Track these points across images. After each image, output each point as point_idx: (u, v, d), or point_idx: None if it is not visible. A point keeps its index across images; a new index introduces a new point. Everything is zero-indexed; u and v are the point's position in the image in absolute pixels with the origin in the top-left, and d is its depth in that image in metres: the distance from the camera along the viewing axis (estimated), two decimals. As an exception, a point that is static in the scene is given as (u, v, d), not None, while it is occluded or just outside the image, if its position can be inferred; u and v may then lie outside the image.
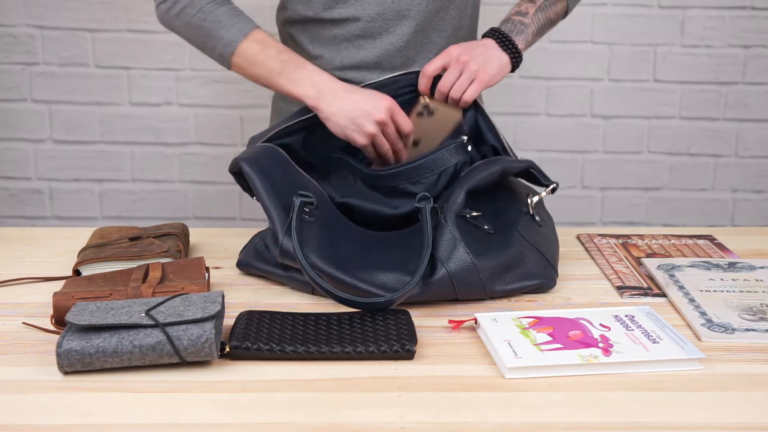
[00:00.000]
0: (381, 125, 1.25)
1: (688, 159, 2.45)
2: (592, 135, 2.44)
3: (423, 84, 1.31)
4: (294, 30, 1.42)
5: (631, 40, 2.38)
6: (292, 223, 1.11)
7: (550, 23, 1.42)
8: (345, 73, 1.39)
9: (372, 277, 1.09)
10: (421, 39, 1.39)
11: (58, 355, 0.89)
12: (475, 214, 1.17)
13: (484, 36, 1.36)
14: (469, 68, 1.30)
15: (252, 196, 1.22)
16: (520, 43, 1.35)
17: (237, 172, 1.23)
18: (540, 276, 1.16)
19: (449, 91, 1.30)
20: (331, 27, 1.38)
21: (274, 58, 1.28)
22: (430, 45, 1.40)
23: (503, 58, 1.33)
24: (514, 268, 1.15)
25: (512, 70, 1.35)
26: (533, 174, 1.23)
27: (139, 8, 2.33)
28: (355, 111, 1.25)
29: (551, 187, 1.22)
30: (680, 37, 2.38)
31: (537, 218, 1.22)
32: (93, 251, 1.22)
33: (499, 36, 1.34)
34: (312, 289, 1.15)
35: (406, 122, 1.28)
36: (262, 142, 1.26)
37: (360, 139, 1.25)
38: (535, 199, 1.22)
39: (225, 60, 1.31)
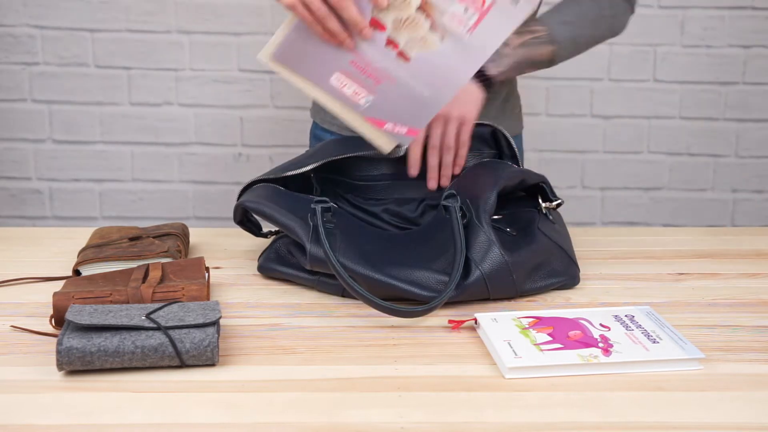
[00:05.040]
0: None
1: (688, 159, 2.45)
2: (592, 135, 2.44)
3: (416, 153, 1.26)
4: None
5: (631, 40, 2.38)
6: (319, 228, 1.11)
7: (532, 64, 1.35)
8: None
9: (405, 275, 1.10)
10: None
11: (59, 353, 0.89)
12: (496, 217, 1.18)
13: None
14: (451, 116, 1.26)
15: (265, 236, 1.26)
16: (490, 69, 1.30)
17: (242, 220, 1.25)
18: (564, 273, 1.19)
19: (442, 143, 1.26)
20: None
21: None
22: None
23: (473, 89, 1.28)
24: (542, 266, 1.17)
25: (487, 90, 1.31)
26: (543, 189, 1.25)
27: (139, 8, 2.33)
28: None
29: (557, 202, 1.24)
30: (680, 37, 2.38)
31: (550, 217, 1.24)
32: (93, 251, 1.22)
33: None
34: (342, 292, 1.15)
35: None
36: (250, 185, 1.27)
37: None
38: (545, 204, 1.24)
39: None
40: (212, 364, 0.93)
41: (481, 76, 1.31)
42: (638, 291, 1.18)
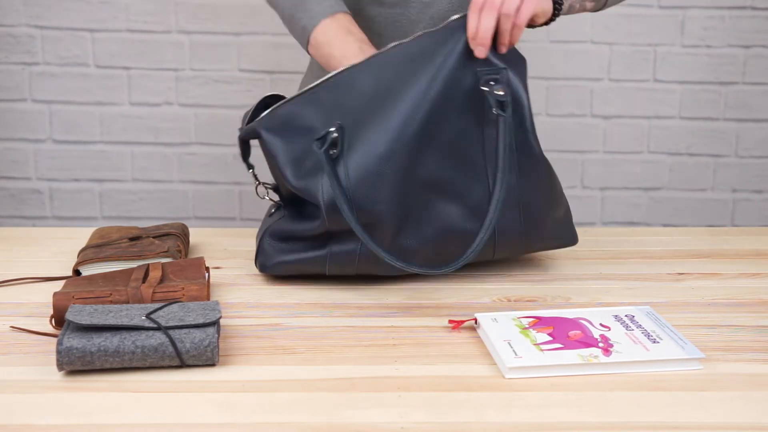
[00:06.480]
0: None
1: (688, 159, 2.45)
2: (592, 135, 2.44)
3: (474, 20, 1.11)
4: None
5: (631, 40, 2.38)
6: (334, 184, 1.08)
7: None
8: None
9: (427, 234, 1.12)
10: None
11: (59, 353, 0.89)
12: None
13: None
14: None
15: (248, 169, 1.22)
16: None
17: (246, 141, 1.21)
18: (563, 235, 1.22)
19: (501, 7, 1.11)
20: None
21: (353, 44, 1.22)
22: None
23: None
24: (555, 202, 1.18)
25: (552, 17, 1.19)
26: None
27: (139, 8, 2.33)
28: None
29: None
30: (680, 37, 2.38)
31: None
32: (93, 251, 1.22)
33: None
34: (357, 261, 1.14)
35: None
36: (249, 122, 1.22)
37: None
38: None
39: (306, 32, 1.25)
40: (212, 364, 0.93)
41: None
42: (638, 291, 1.18)
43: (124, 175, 2.43)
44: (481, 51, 1.11)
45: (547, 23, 1.20)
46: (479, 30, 1.10)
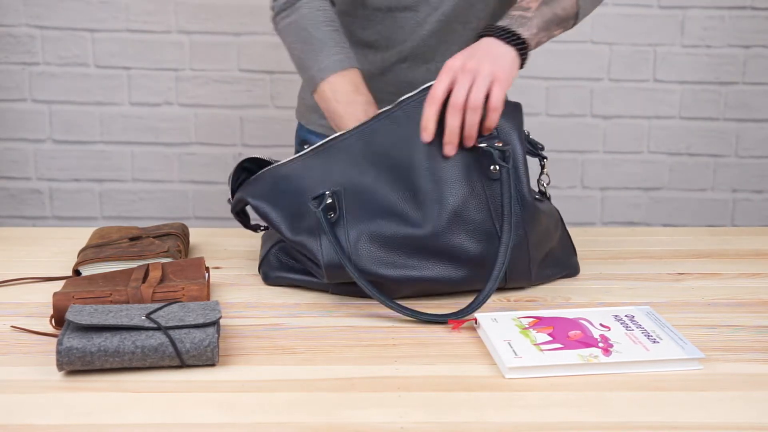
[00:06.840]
0: None
1: (688, 159, 2.45)
2: (592, 135, 2.44)
3: (431, 114, 1.10)
4: None
5: (631, 40, 2.38)
6: (330, 238, 1.08)
7: (559, 21, 1.25)
8: (356, 50, 1.39)
9: (430, 266, 1.10)
10: (446, 29, 1.37)
11: (59, 353, 0.89)
12: None
13: (479, 36, 1.18)
14: (482, 71, 1.11)
15: (255, 230, 1.24)
16: (524, 33, 1.17)
17: (239, 211, 1.22)
18: (567, 264, 1.22)
19: (465, 102, 1.10)
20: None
21: (359, 105, 1.22)
22: (453, 35, 1.38)
23: (510, 52, 1.15)
24: (549, 244, 1.17)
25: (521, 65, 1.18)
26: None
27: (139, 8, 2.33)
28: None
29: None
30: (680, 37, 2.38)
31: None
32: (93, 251, 1.22)
33: (497, 31, 1.17)
34: (360, 291, 1.13)
35: None
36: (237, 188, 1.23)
37: None
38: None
39: (314, 82, 1.24)
40: (212, 364, 0.93)
41: (515, 40, 1.17)
42: (638, 291, 1.18)
43: (124, 175, 2.43)
44: (450, 149, 1.11)
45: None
46: (445, 132, 1.11)
